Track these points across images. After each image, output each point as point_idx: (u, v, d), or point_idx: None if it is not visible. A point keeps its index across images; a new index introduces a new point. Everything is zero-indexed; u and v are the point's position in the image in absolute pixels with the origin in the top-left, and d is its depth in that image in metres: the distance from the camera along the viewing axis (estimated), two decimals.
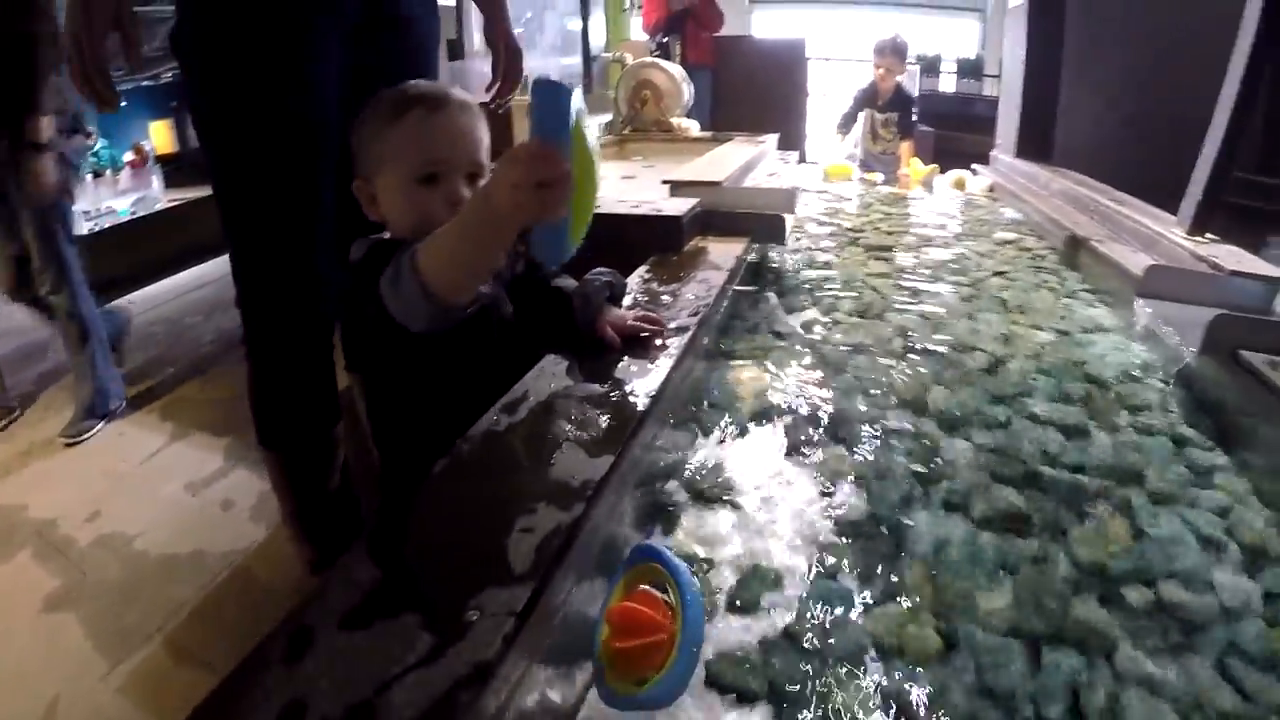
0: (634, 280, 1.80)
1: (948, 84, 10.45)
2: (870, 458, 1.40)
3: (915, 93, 5.78)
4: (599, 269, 1.41)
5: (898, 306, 2.14)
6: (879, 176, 4.27)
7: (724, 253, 2.09)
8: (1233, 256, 2.10)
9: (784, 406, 1.55)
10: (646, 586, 0.89)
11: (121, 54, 1.29)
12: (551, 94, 0.84)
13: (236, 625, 1.64)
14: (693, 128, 4.73)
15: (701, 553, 1.13)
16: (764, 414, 1.52)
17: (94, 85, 1.24)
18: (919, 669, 0.96)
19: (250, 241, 1.40)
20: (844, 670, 0.95)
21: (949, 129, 6.80)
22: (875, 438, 1.47)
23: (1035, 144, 4.05)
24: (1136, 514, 1.27)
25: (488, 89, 1.72)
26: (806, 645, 0.99)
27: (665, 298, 1.68)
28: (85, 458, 2.43)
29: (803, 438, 1.45)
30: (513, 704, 0.72)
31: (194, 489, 2.23)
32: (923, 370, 1.73)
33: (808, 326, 1.98)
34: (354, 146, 1.17)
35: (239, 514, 2.10)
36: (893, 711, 0.90)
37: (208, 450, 2.42)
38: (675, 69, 4.83)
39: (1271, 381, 1.48)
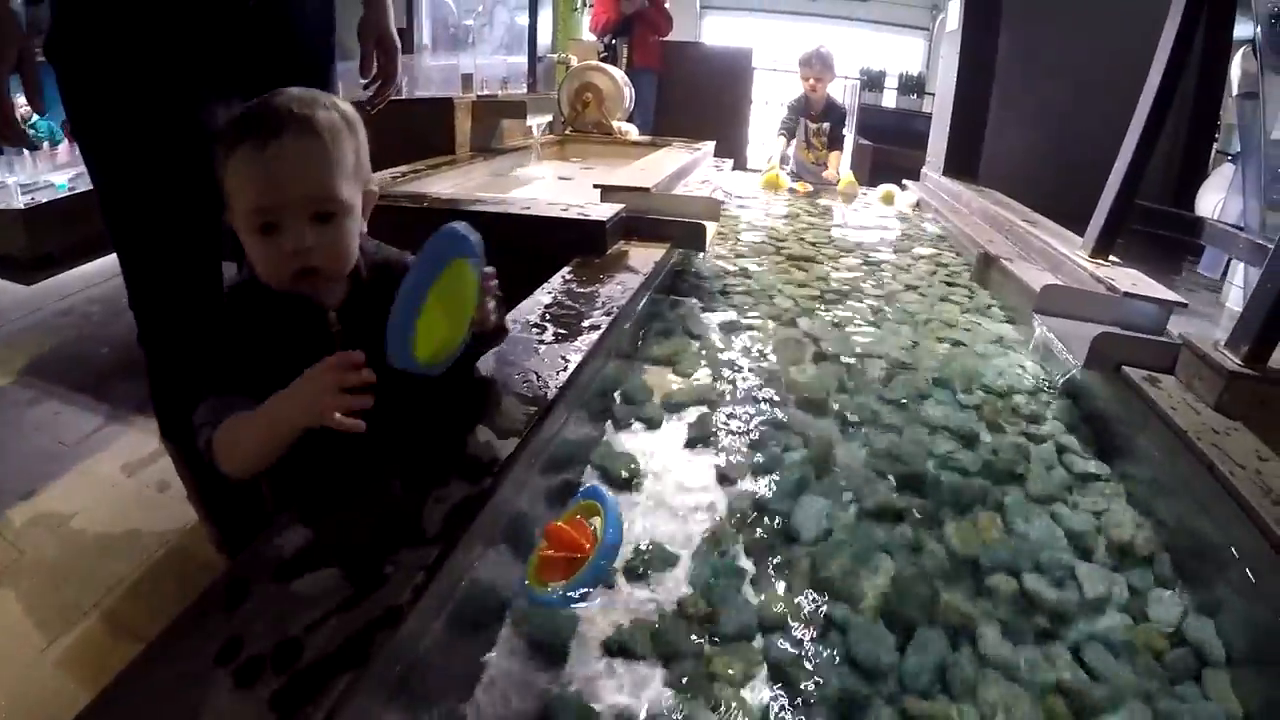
0: (556, 280, 1.87)
1: (890, 100, 10.67)
2: (768, 453, 1.47)
3: (847, 105, 5.90)
4: None
5: (811, 314, 2.22)
6: (809, 186, 4.35)
7: (644, 258, 2.15)
8: (1128, 279, 2.21)
9: (691, 404, 1.62)
10: (581, 517, 1.15)
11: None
12: (433, 251, 0.90)
13: (173, 601, 1.63)
14: (632, 131, 4.79)
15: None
16: (672, 409, 1.60)
17: (6, 137, 1.24)
18: (800, 642, 1.04)
19: (135, 244, 1.38)
20: (730, 641, 1.03)
21: (888, 143, 6.95)
22: (775, 435, 1.54)
23: (962, 163, 4.19)
24: (1011, 513, 1.35)
25: (365, 88, 1.68)
26: (696, 616, 1.06)
27: (582, 298, 1.73)
28: (21, 437, 2.40)
29: (707, 432, 1.52)
30: (421, 654, 0.83)
31: (130, 470, 2.22)
32: (827, 375, 1.80)
33: (722, 329, 2.04)
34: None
35: (175, 495, 2.05)
36: (771, 677, 0.98)
37: (144, 431, 2.39)
38: (618, 73, 4.89)
39: (1148, 396, 1.57)
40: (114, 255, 1.40)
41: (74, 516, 2.01)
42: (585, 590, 1.06)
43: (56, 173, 4.17)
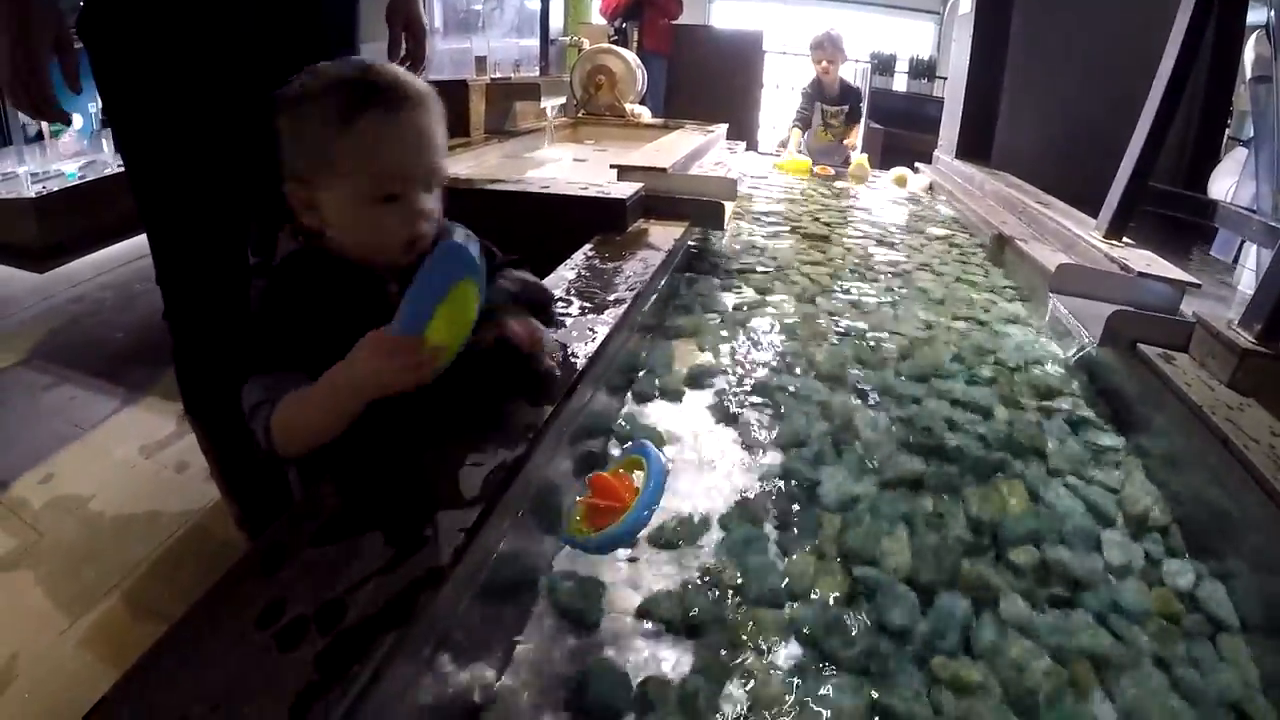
0: (578, 257, 1.90)
1: (900, 84, 10.64)
2: (790, 424, 1.50)
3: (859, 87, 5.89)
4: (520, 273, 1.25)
5: (827, 292, 2.25)
6: (830, 170, 4.35)
7: (664, 235, 2.18)
8: (1142, 259, 2.24)
9: (714, 377, 1.65)
10: (625, 471, 1.20)
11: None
12: (442, 264, 0.87)
13: (194, 580, 1.67)
14: (645, 114, 4.80)
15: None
16: (695, 382, 1.63)
17: (43, 113, 1.24)
18: (827, 606, 1.06)
19: (163, 220, 1.40)
20: (758, 607, 1.05)
21: (899, 127, 6.94)
22: (796, 407, 1.57)
23: (975, 146, 4.20)
24: (1032, 484, 1.38)
25: None
26: (725, 584, 1.08)
27: (605, 274, 1.76)
28: (37, 421, 2.41)
29: (729, 404, 1.55)
30: (463, 616, 0.83)
31: (148, 451, 2.23)
32: (845, 350, 1.83)
33: (741, 307, 2.07)
34: (284, 138, 0.97)
35: (193, 475, 2.09)
36: (799, 641, 1.01)
37: (160, 414, 2.41)
38: (630, 55, 4.90)
39: (1163, 372, 1.59)
40: (125, 242, 1.42)
41: (92, 498, 2.02)
42: (620, 539, 1.10)
43: (67, 162, 4.19)
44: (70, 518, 1.94)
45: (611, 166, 2.70)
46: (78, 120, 4.41)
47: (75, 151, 4.27)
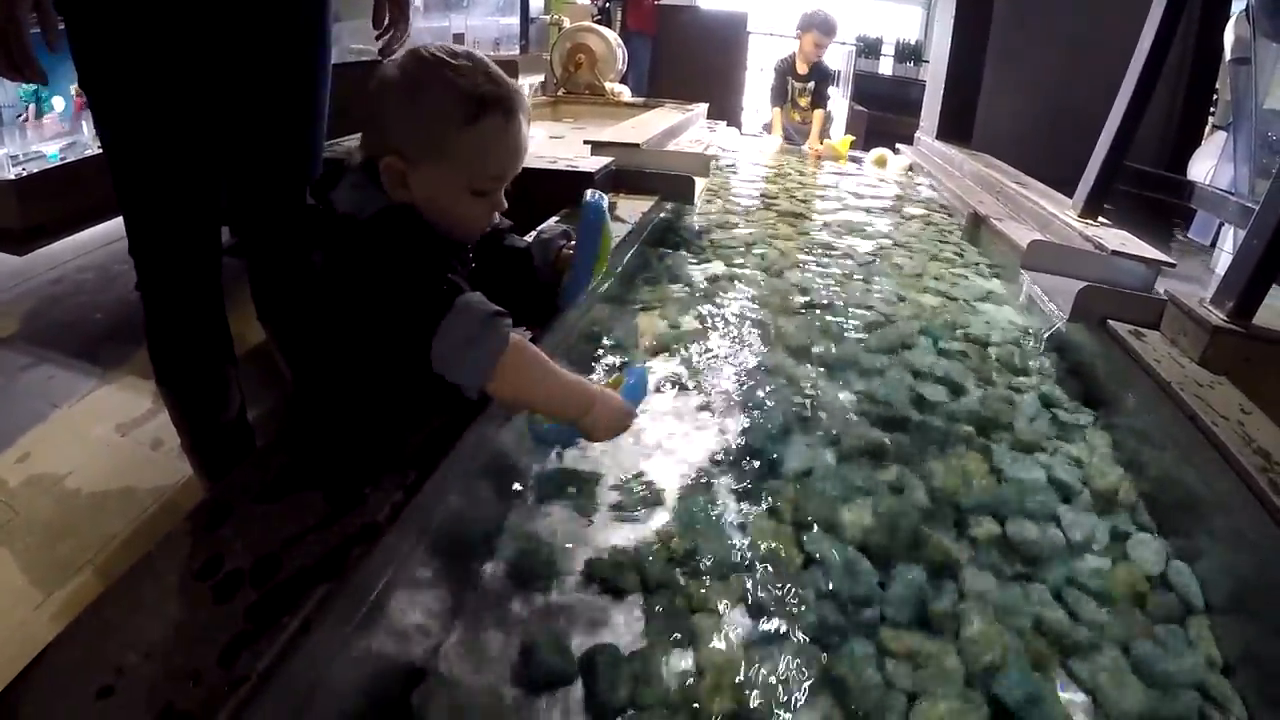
0: (543, 228, 1.85)
1: (886, 67, 10.61)
2: (753, 395, 1.48)
3: (843, 73, 5.85)
4: (544, 225, 1.44)
5: (798, 267, 2.22)
6: (818, 148, 4.30)
7: (632, 209, 2.15)
8: (1116, 238, 2.21)
9: (679, 348, 1.63)
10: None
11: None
12: (594, 219, 1.24)
13: None
14: (625, 93, 4.76)
15: (590, 468, 1.21)
16: (660, 352, 1.60)
17: (22, 72, 1.25)
18: (781, 575, 1.04)
19: (137, 191, 1.41)
20: (711, 575, 1.03)
21: (883, 110, 6.92)
22: (760, 378, 1.54)
23: (955, 127, 4.17)
24: (998, 457, 1.36)
25: (377, 38, 1.67)
26: (678, 550, 1.06)
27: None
28: (14, 401, 2.38)
29: (693, 375, 1.53)
30: (400, 574, 0.84)
31: (124, 429, 2.20)
32: (813, 323, 1.81)
33: (711, 280, 2.04)
34: (390, 117, 1.03)
35: (169, 452, 2.06)
36: (751, 610, 0.99)
37: (136, 392, 2.38)
38: (610, 34, 4.85)
39: (1133, 349, 1.57)
40: (106, 224, 1.44)
41: (68, 476, 1.99)
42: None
43: (48, 143, 4.13)
44: (46, 495, 1.93)
45: (585, 142, 2.66)
46: (59, 102, 4.34)
47: (56, 133, 4.21)
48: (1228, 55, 3.39)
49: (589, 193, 1.28)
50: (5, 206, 3.63)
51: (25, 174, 3.78)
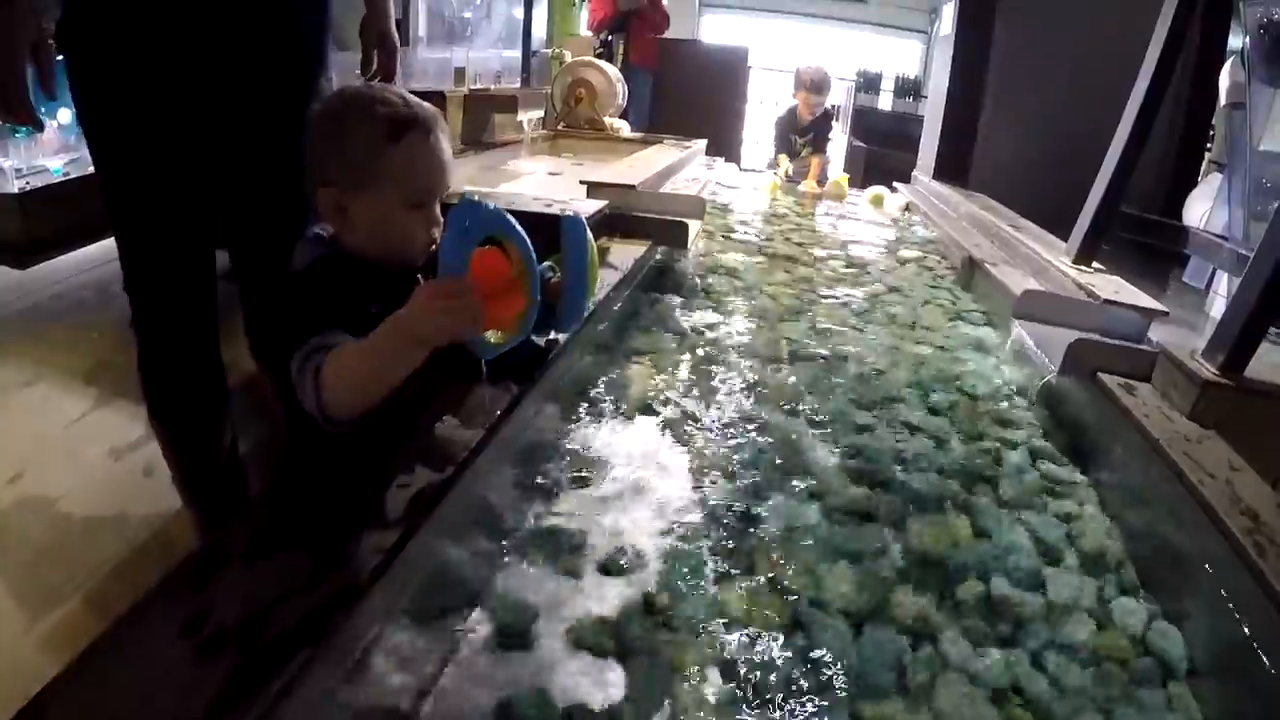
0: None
1: (886, 102, 10.68)
2: (740, 451, 1.47)
3: (842, 107, 5.89)
4: None
5: (793, 314, 2.22)
6: (816, 188, 4.33)
7: (625, 254, 2.15)
8: (1110, 286, 2.21)
9: (667, 400, 1.62)
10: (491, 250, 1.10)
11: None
12: (576, 233, 1.25)
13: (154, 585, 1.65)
14: (624, 128, 4.79)
15: (575, 525, 1.20)
16: (647, 406, 1.60)
17: (17, 116, 1.26)
18: (761, 637, 1.03)
19: (133, 230, 1.42)
20: (691, 635, 1.03)
21: (882, 146, 6.96)
22: (748, 433, 1.54)
23: (952, 166, 4.20)
24: (983, 515, 1.35)
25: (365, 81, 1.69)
26: (662, 611, 1.06)
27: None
28: (8, 421, 2.39)
29: (681, 429, 1.52)
30: (383, 634, 0.85)
31: (117, 454, 2.19)
32: (803, 375, 1.80)
33: (700, 328, 2.04)
34: (320, 152, 1.11)
35: (161, 480, 2.04)
36: (726, 673, 0.98)
37: (131, 417, 2.38)
38: (611, 69, 4.89)
39: (1122, 403, 1.57)
40: (108, 240, 1.44)
41: (60, 499, 1.98)
42: (530, 316, 1.12)
43: (52, 157, 4.15)
44: (37, 518, 1.91)
45: (582, 183, 2.67)
46: (65, 115, 4.37)
47: (61, 147, 4.23)
48: (1223, 100, 3.40)
49: (565, 212, 1.33)
50: (8, 220, 3.64)
51: (29, 187, 3.81)
